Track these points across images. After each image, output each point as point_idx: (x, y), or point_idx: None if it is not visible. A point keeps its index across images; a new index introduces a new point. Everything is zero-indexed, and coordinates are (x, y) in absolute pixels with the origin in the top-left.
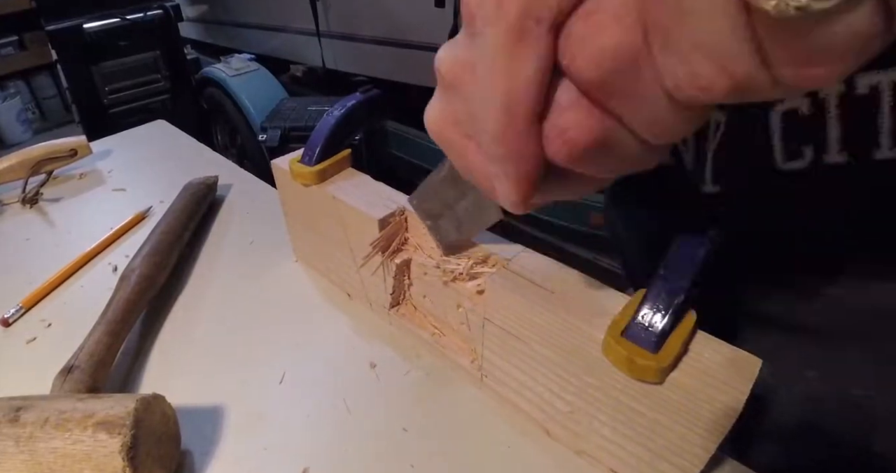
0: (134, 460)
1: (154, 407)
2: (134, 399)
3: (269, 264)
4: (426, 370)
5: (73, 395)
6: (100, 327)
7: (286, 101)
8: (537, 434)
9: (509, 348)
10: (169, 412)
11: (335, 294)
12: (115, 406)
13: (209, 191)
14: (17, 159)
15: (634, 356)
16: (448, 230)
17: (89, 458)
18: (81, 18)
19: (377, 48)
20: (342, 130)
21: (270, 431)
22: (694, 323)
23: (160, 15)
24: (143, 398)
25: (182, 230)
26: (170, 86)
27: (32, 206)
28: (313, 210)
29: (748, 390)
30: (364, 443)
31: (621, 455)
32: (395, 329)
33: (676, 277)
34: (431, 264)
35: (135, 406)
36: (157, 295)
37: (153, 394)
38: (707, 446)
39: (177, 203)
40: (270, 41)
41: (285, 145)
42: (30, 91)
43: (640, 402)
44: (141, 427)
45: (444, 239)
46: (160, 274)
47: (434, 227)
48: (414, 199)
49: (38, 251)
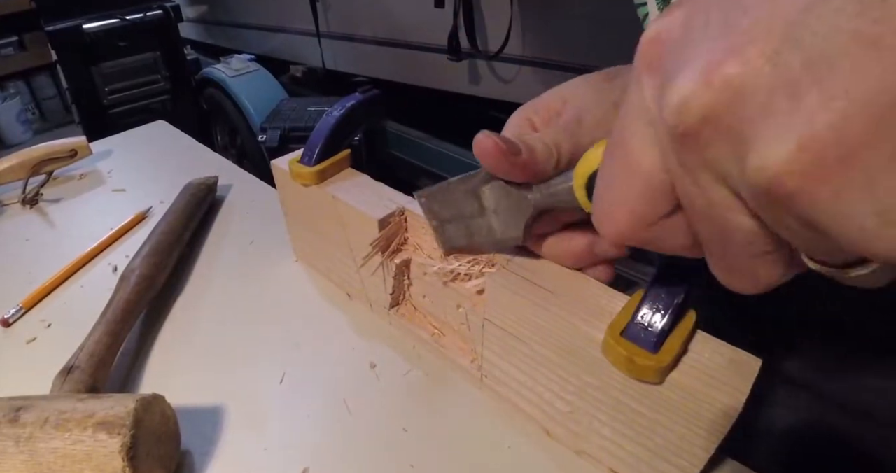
0: (134, 460)
1: (154, 407)
2: (134, 399)
3: (269, 264)
4: (426, 370)
5: (73, 395)
6: (100, 327)
7: (286, 102)
8: (537, 434)
9: (509, 348)
10: (169, 412)
11: (335, 294)
12: (115, 406)
13: (209, 191)
14: (17, 160)
15: (634, 356)
16: (455, 237)
17: (89, 458)
18: (81, 19)
19: (377, 48)
20: (342, 130)
21: (270, 431)
22: (694, 323)
23: (160, 15)
24: (143, 398)
25: (182, 230)
26: (170, 86)
27: (32, 207)
28: (313, 210)
29: (748, 390)
30: (364, 443)
31: (621, 455)
32: (395, 329)
33: (676, 277)
34: (431, 264)
35: (134, 406)
36: (157, 295)
37: (153, 394)
38: (707, 446)
39: (177, 203)
40: (270, 42)
41: (285, 145)
42: (30, 91)
43: (639, 402)
44: (141, 427)
45: (447, 243)
46: (160, 274)
47: (440, 229)
48: (423, 197)
49: (38, 251)
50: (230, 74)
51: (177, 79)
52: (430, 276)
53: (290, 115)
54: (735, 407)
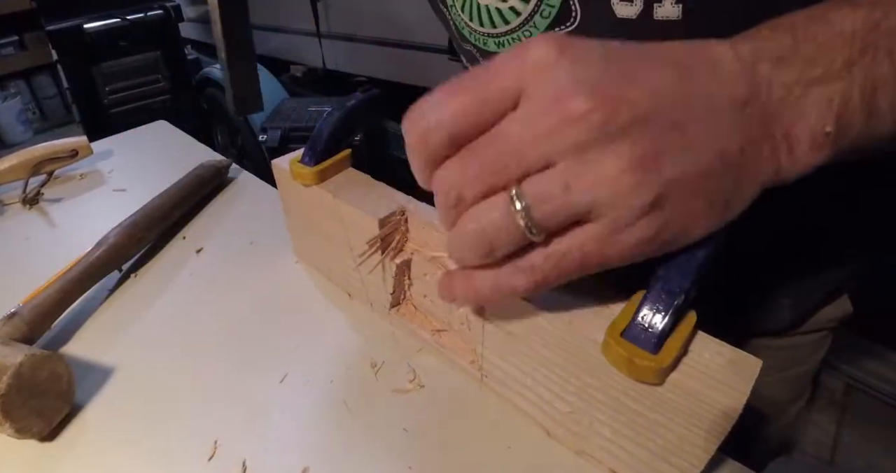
0: (6, 405)
1: (44, 364)
2: (25, 353)
3: (270, 264)
4: (426, 370)
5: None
6: (56, 284)
7: (286, 102)
8: (537, 434)
9: (509, 348)
10: (61, 370)
11: (336, 294)
12: (9, 355)
13: (217, 173)
14: (17, 159)
15: (634, 357)
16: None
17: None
18: (82, 18)
19: (377, 49)
20: (342, 130)
21: (270, 431)
22: (694, 324)
23: (160, 15)
24: (35, 354)
25: (171, 209)
26: (170, 86)
27: (33, 207)
28: (314, 210)
29: (748, 391)
30: (364, 443)
31: (621, 456)
32: (395, 329)
33: (676, 277)
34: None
35: (21, 359)
36: (159, 297)
37: (50, 352)
38: (707, 446)
39: (178, 182)
40: (270, 41)
41: (285, 145)
42: (30, 91)
43: (640, 403)
44: (21, 378)
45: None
46: (134, 246)
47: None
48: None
49: (38, 251)
50: None
51: (177, 78)
52: (431, 276)
53: (290, 115)
54: (735, 408)
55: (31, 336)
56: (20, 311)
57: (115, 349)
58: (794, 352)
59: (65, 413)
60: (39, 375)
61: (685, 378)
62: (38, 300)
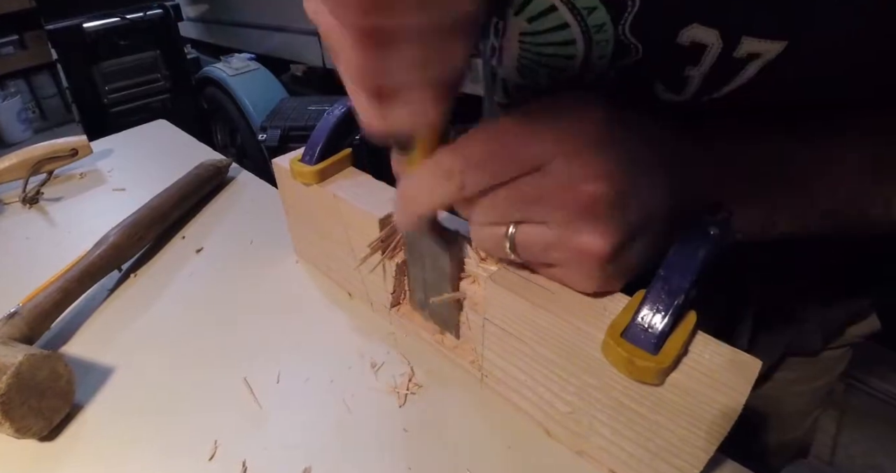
0: (5, 404)
1: (44, 364)
2: (25, 353)
3: (270, 264)
4: (426, 370)
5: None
6: (56, 283)
7: (286, 101)
8: (537, 434)
9: (509, 348)
10: (61, 370)
11: (336, 293)
12: (9, 355)
13: (218, 172)
14: (17, 159)
15: (634, 357)
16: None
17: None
18: (82, 18)
19: None
20: (342, 130)
21: (270, 431)
22: (694, 324)
23: (160, 14)
24: (35, 354)
25: (171, 209)
26: (170, 85)
27: (33, 206)
28: (314, 209)
29: (748, 391)
30: (364, 443)
31: (621, 456)
32: (395, 328)
33: (676, 278)
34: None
35: (21, 358)
36: (159, 299)
37: (50, 352)
38: (707, 447)
39: (178, 181)
40: (270, 41)
41: (285, 145)
42: (30, 90)
43: (640, 403)
44: (20, 378)
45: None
46: (134, 246)
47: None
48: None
49: (38, 251)
50: (230, 73)
51: (177, 78)
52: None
53: (290, 115)
54: (735, 408)
55: (31, 335)
56: (20, 311)
57: (115, 349)
58: (824, 365)
59: (65, 413)
60: (39, 375)
61: (685, 378)
62: (38, 300)
